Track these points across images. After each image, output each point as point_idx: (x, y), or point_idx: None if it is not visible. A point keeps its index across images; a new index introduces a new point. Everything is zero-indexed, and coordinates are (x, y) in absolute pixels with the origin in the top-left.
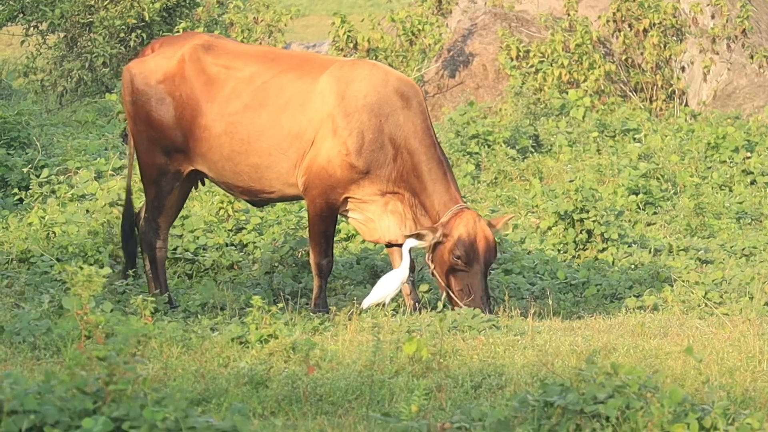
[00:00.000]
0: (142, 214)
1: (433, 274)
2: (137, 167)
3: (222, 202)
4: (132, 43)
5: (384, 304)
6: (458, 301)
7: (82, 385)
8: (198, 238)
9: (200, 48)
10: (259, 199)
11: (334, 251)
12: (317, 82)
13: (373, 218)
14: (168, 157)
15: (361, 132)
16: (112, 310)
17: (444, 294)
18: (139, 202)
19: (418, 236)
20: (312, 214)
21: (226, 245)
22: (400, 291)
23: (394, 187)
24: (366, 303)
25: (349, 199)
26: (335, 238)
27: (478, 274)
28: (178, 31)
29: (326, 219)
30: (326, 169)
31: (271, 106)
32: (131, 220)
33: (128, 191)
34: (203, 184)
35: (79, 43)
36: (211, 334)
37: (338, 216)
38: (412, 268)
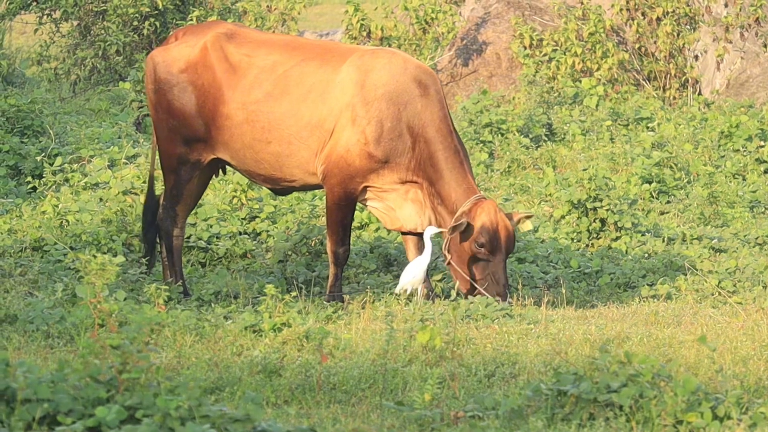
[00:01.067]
0: (161, 201)
1: (449, 263)
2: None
3: (235, 191)
4: (145, 32)
5: (413, 292)
6: (481, 290)
7: (95, 373)
8: (211, 226)
9: (223, 36)
10: (281, 188)
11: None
12: (338, 72)
13: (394, 207)
14: (188, 147)
15: (380, 121)
16: (125, 299)
17: (458, 283)
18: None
19: (455, 228)
20: (330, 202)
21: (240, 234)
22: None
23: (413, 176)
24: (398, 290)
25: (368, 188)
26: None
27: (501, 263)
28: (191, 20)
29: (344, 208)
30: (345, 159)
31: (291, 95)
32: (153, 209)
33: (151, 180)
34: (224, 172)
35: (92, 32)
36: (225, 322)
37: (356, 205)
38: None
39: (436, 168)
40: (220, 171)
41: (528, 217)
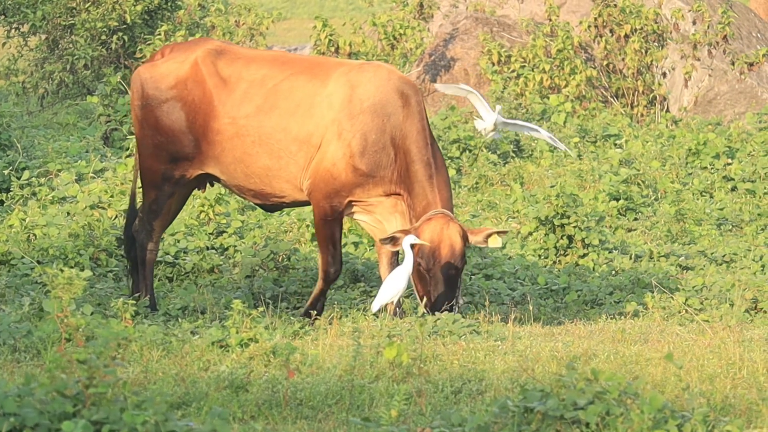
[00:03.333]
0: (139, 214)
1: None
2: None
3: (203, 206)
4: (113, 46)
5: (395, 303)
6: (421, 305)
7: (62, 388)
8: (179, 241)
9: (213, 52)
10: (271, 204)
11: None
12: (326, 86)
13: (382, 220)
14: (173, 163)
15: (365, 133)
16: (92, 313)
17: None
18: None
19: (392, 239)
20: (317, 218)
21: (207, 248)
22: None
23: (396, 188)
24: (376, 305)
25: (353, 203)
26: (315, 243)
27: (439, 280)
28: (159, 35)
29: (331, 223)
30: (331, 173)
31: (280, 109)
32: (131, 239)
33: (132, 197)
34: (212, 185)
35: (60, 45)
36: (192, 337)
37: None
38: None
39: (409, 180)
40: (208, 185)
41: (500, 233)
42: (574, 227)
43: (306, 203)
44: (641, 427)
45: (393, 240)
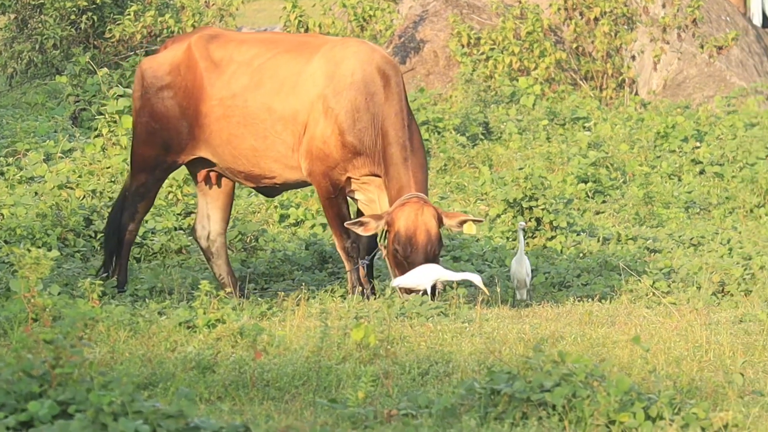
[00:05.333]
0: (126, 193)
1: (384, 257)
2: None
3: (171, 187)
4: (83, 26)
5: (419, 292)
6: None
7: (28, 368)
8: (147, 221)
9: (206, 37)
10: (264, 186)
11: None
12: (310, 63)
13: (375, 198)
14: (165, 150)
15: (351, 110)
16: (59, 293)
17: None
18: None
19: (360, 224)
20: (322, 198)
21: (175, 229)
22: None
23: (378, 169)
24: (396, 282)
25: (351, 180)
26: (285, 223)
27: (417, 266)
28: (128, 15)
29: (335, 200)
30: (323, 150)
31: (265, 88)
32: (118, 221)
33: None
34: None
35: (29, 25)
36: (159, 318)
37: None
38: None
39: (385, 163)
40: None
41: (476, 221)
42: (543, 210)
43: (299, 184)
44: (608, 410)
45: (362, 224)
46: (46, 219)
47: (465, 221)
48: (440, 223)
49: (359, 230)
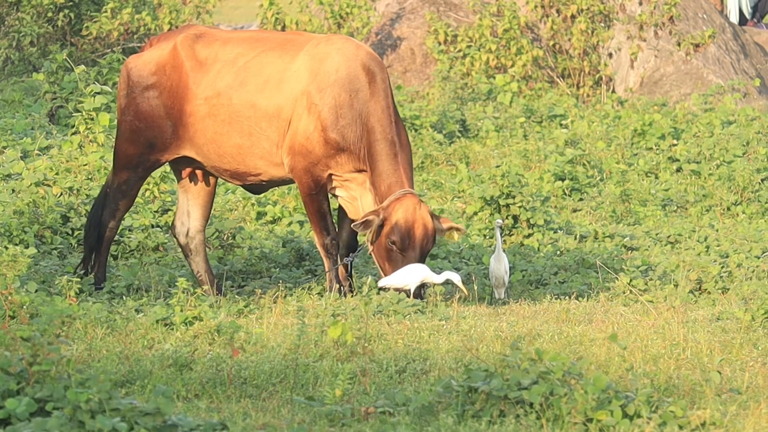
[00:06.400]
0: (107, 190)
1: (371, 254)
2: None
3: (148, 184)
4: (60, 23)
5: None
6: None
7: (5, 365)
8: (124, 219)
9: (192, 36)
10: (251, 184)
11: (277, 231)
12: (294, 61)
13: (356, 196)
14: (149, 149)
15: (335, 106)
16: (36, 291)
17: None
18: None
19: (365, 224)
20: (303, 194)
21: (152, 226)
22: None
23: (364, 165)
24: (383, 282)
25: (332, 177)
26: (262, 220)
27: (414, 261)
28: (105, 12)
29: (316, 197)
30: (305, 146)
31: (249, 86)
32: (98, 218)
33: (104, 189)
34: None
35: (6, 22)
36: (136, 315)
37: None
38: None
39: (372, 159)
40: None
41: (458, 230)
42: (520, 207)
43: (284, 181)
44: (585, 408)
45: (366, 223)
46: (23, 216)
47: (452, 228)
48: (435, 220)
49: (361, 230)
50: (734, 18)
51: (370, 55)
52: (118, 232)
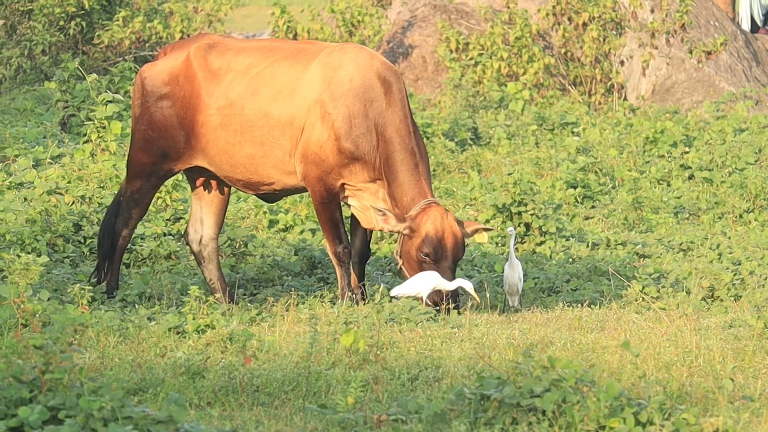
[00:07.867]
0: (120, 198)
1: (401, 268)
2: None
3: (160, 192)
4: (71, 32)
5: (418, 299)
6: (425, 298)
7: (18, 373)
8: (136, 227)
9: (205, 46)
10: (264, 192)
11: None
12: (307, 70)
13: (369, 206)
14: (163, 158)
15: (348, 116)
16: (49, 299)
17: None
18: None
19: (383, 213)
20: (316, 203)
21: (164, 235)
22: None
23: (379, 175)
24: (395, 291)
25: (345, 186)
26: (274, 228)
27: (447, 271)
28: (117, 20)
29: (329, 205)
30: (319, 155)
31: (261, 96)
32: (111, 226)
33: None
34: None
35: (18, 31)
36: (148, 323)
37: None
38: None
39: (391, 169)
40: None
41: (486, 230)
42: (532, 215)
43: (297, 189)
44: (597, 415)
45: (384, 214)
46: (35, 225)
47: (476, 230)
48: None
49: (380, 219)
50: (746, 25)
51: (384, 65)
52: (131, 240)
